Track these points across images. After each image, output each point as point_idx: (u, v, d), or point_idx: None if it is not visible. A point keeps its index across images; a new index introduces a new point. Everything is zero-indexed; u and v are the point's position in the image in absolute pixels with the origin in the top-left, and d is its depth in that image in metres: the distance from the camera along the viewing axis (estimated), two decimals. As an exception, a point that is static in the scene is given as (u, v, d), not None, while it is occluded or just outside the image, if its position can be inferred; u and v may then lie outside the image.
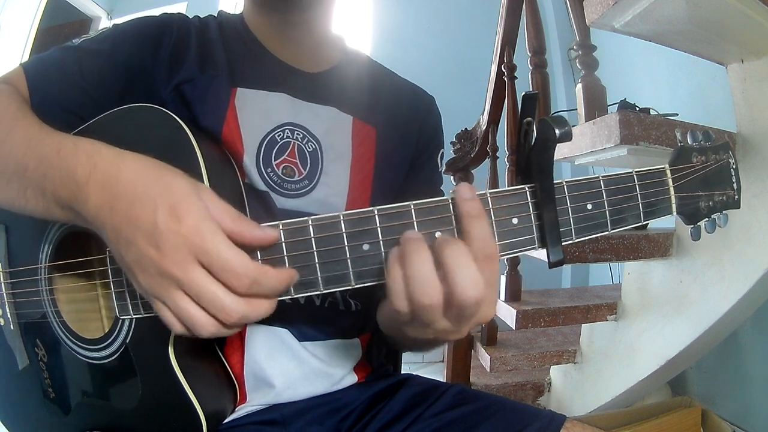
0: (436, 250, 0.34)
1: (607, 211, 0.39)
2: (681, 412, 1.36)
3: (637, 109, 1.21)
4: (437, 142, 0.70)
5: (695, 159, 0.42)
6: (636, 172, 0.40)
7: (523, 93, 0.39)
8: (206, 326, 0.35)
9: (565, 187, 0.38)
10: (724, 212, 0.43)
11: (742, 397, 1.52)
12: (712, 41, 1.04)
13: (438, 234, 0.36)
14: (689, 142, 0.43)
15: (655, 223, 1.35)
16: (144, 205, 0.34)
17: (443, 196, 0.38)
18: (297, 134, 0.56)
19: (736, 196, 0.44)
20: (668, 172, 0.41)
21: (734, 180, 0.44)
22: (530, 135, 0.38)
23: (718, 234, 1.11)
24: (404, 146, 0.65)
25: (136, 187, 0.35)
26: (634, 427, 1.27)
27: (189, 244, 0.33)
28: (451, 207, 0.37)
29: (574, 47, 1.32)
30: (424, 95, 0.70)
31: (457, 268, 0.33)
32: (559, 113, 1.97)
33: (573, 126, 1.18)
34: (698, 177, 0.42)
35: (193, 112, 0.54)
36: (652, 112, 1.19)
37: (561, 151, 1.20)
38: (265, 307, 0.36)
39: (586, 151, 1.10)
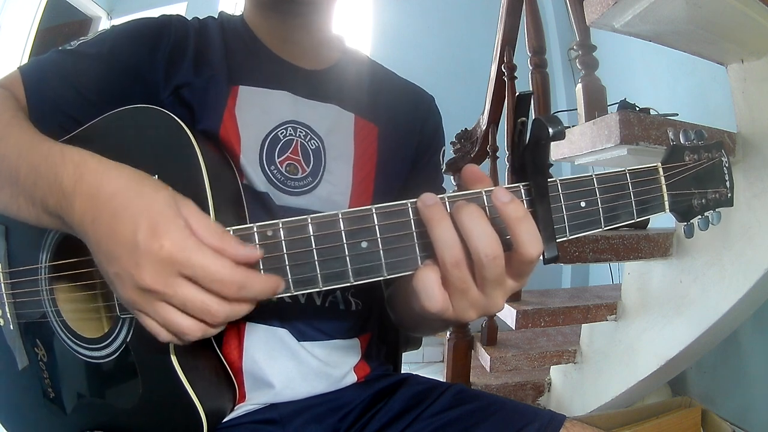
0: (453, 215, 0.35)
1: (600, 209, 0.39)
2: (681, 412, 1.36)
3: (637, 109, 1.21)
4: (438, 141, 0.70)
5: (687, 157, 0.43)
6: (629, 170, 0.40)
7: (517, 93, 0.39)
8: (194, 332, 0.36)
9: (558, 185, 0.39)
10: (716, 210, 0.44)
11: (742, 397, 1.52)
12: (712, 41, 1.04)
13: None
14: (682, 141, 0.43)
15: (655, 223, 1.35)
16: (124, 221, 0.35)
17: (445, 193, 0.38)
18: (300, 132, 0.57)
19: (729, 194, 0.44)
20: (660, 170, 0.41)
21: (727, 178, 0.44)
22: (524, 134, 0.39)
23: (718, 234, 1.12)
24: (406, 144, 0.65)
25: (118, 201, 0.36)
26: (634, 427, 1.28)
27: (172, 262, 0.34)
28: (447, 205, 0.37)
29: (574, 47, 1.33)
30: (424, 94, 0.71)
31: (472, 227, 0.34)
32: (559, 113, 1.98)
33: (573, 126, 1.19)
34: (690, 175, 0.42)
35: (193, 114, 0.54)
36: (652, 112, 1.19)
37: (561, 150, 1.21)
38: (247, 305, 0.37)
39: (586, 151, 1.10)
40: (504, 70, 1.54)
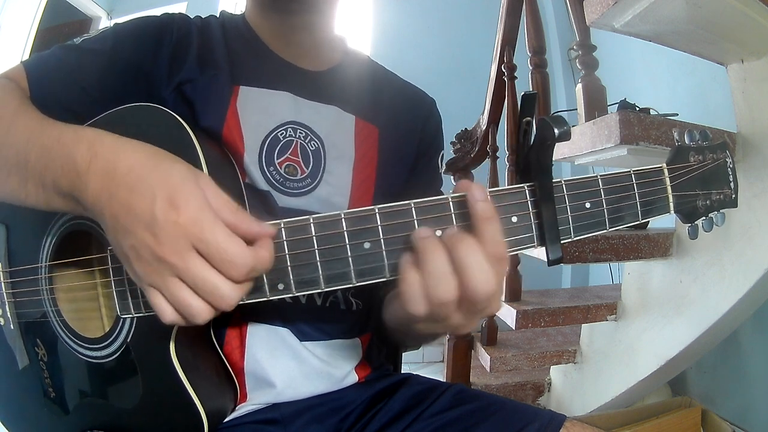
0: (448, 245, 0.34)
1: (605, 210, 0.39)
2: (681, 412, 1.36)
3: (637, 109, 1.21)
4: (438, 144, 0.70)
5: (692, 158, 0.43)
6: (634, 171, 0.40)
7: (523, 93, 0.39)
8: (202, 314, 0.35)
9: (563, 186, 0.38)
10: (721, 211, 0.44)
11: (742, 397, 1.52)
12: (712, 41, 1.04)
13: (438, 233, 0.36)
14: (686, 142, 0.43)
15: (655, 223, 1.35)
16: (142, 194, 0.34)
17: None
18: (300, 133, 0.56)
19: (733, 195, 0.44)
20: (665, 171, 0.41)
21: (731, 179, 0.44)
22: (529, 134, 0.38)
23: (718, 234, 1.12)
24: (406, 146, 0.65)
25: (135, 175, 0.35)
26: (634, 427, 1.28)
27: (187, 233, 0.33)
28: (451, 206, 0.37)
29: (574, 47, 1.32)
30: (425, 97, 0.71)
31: (470, 264, 0.33)
32: (559, 113, 1.98)
33: (573, 126, 1.19)
34: (695, 176, 0.42)
35: (194, 111, 0.54)
36: (652, 112, 1.19)
37: (561, 150, 1.21)
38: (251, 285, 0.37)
39: (586, 151, 1.10)
40: (504, 70, 1.54)
